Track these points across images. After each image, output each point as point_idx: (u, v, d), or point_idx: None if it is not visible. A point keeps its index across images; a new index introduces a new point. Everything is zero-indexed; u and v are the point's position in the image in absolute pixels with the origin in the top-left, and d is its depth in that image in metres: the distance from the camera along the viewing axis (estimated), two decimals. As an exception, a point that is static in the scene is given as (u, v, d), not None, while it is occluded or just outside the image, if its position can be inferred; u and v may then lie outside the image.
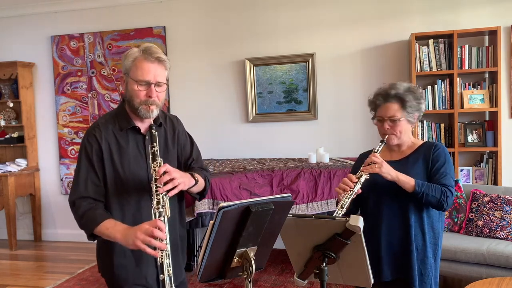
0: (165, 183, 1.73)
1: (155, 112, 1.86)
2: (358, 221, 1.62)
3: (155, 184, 1.73)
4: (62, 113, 5.73)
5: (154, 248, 1.67)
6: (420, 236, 2.10)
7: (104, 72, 5.56)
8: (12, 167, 5.61)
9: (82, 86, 5.65)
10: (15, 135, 5.71)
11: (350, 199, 1.97)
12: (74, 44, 5.63)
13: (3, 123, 5.73)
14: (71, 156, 5.73)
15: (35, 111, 5.84)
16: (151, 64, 1.82)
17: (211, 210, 3.89)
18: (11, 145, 5.73)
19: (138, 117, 1.88)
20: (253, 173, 4.09)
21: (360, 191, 2.02)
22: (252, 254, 1.57)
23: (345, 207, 1.96)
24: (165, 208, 1.72)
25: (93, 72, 5.60)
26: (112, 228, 1.76)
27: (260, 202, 1.52)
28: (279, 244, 1.77)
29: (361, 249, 1.68)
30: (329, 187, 4.00)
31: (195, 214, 3.86)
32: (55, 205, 5.85)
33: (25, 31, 5.79)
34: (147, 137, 1.89)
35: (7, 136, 5.74)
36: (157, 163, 1.76)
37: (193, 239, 4.51)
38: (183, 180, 1.80)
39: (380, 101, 2.13)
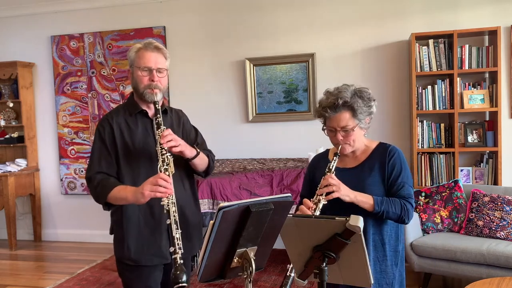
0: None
1: (159, 95, 2.07)
2: (358, 221, 1.62)
3: (160, 146, 1.93)
4: (62, 113, 5.73)
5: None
6: (380, 246, 2.04)
7: (104, 72, 5.56)
8: (12, 167, 5.61)
9: (82, 86, 5.65)
10: (15, 135, 5.71)
11: None
12: (74, 44, 5.63)
13: (3, 123, 5.73)
14: (71, 156, 5.72)
15: (35, 111, 5.84)
16: (152, 53, 2.07)
17: (211, 210, 3.89)
18: (11, 145, 5.73)
19: (145, 102, 2.10)
20: (253, 173, 4.09)
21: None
22: (252, 254, 1.57)
23: None
24: (170, 165, 1.92)
25: (93, 72, 5.60)
26: (123, 190, 1.97)
27: (260, 202, 1.52)
28: (279, 244, 1.77)
29: (361, 249, 1.68)
30: (329, 187, 4.00)
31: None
32: (55, 205, 5.85)
33: (25, 31, 5.79)
34: (154, 121, 2.07)
35: (7, 136, 5.74)
36: (161, 130, 1.98)
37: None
38: (184, 143, 2.03)
39: (329, 113, 2.00)
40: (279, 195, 1.62)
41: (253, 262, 1.56)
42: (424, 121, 4.45)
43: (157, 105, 2.04)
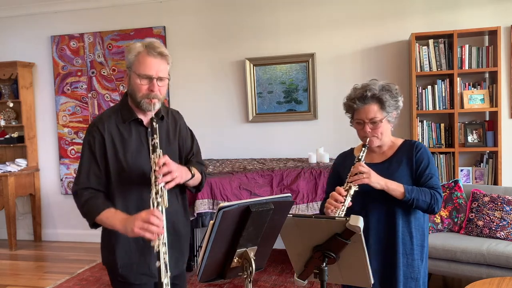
0: (164, 175, 1.78)
1: (157, 105, 1.90)
2: (358, 221, 1.62)
3: (154, 175, 1.78)
4: (62, 113, 5.73)
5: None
6: (408, 239, 2.06)
7: (104, 72, 5.56)
8: (12, 167, 5.61)
9: (82, 86, 5.65)
10: (15, 135, 5.71)
11: (343, 215, 1.88)
12: (74, 44, 5.63)
13: (3, 123, 5.73)
14: (71, 156, 5.73)
15: (35, 111, 5.84)
16: (154, 59, 1.87)
17: (211, 210, 3.89)
18: (11, 145, 5.73)
19: (141, 110, 1.93)
20: (253, 173, 4.09)
21: (351, 204, 1.94)
22: (252, 254, 1.57)
23: None
24: (163, 198, 1.77)
25: (93, 72, 5.60)
26: (112, 217, 1.83)
27: (260, 202, 1.52)
28: (279, 244, 1.77)
29: (361, 249, 1.68)
30: (329, 187, 4.00)
31: (195, 214, 3.87)
32: (55, 205, 5.85)
33: (25, 31, 5.79)
34: (149, 129, 1.92)
35: (7, 136, 5.74)
36: (156, 154, 1.80)
37: (193, 239, 4.51)
38: (180, 174, 1.86)
39: (358, 104, 2.05)
40: (279, 195, 1.62)
41: (253, 262, 1.56)
42: (424, 121, 4.45)
43: (154, 122, 1.84)
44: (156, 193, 1.76)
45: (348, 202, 1.93)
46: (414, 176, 2.06)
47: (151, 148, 1.83)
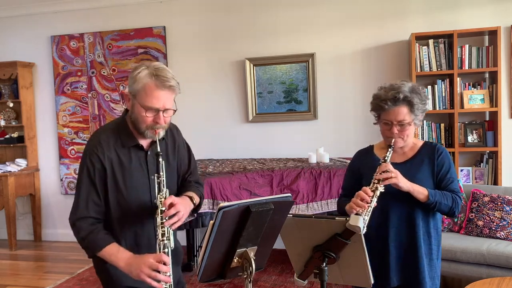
0: (170, 217, 1.74)
1: (161, 134, 1.84)
2: (358, 221, 1.62)
3: (161, 216, 1.73)
4: (62, 113, 5.73)
5: (158, 281, 1.69)
6: (427, 239, 2.09)
7: (104, 72, 5.56)
8: (12, 167, 5.61)
9: (82, 86, 5.65)
10: (15, 135, 5.71)
11: (369, 215, 1.88)
12: (74, 44, 5.63)
13: (3, 123, 5.73)
14: (71, 156, 5.73)
15: (35, 111, 5.84)
16: (162, 92, 1.77)
17: (211, 210, 3.89)
18: (11, 145, 5.73)
19: (142, 136, 1.86)
20: (253, 173, 4.09)
21: (376, 205, 1.93)
22: (252, 254, 1.58)
23: (367, 223, 1.85)
24: (169, 240, 1.73)
25: (93, 72, 5.60)
26: (115, 255, 1.77)
27: (260, 202, 1.52)
28: (279, 244, 1.77)
29: (361, 249, 1.68)
30: (329, 187, 4.00)
31: (195, 214, 3.86)
32: (55, 205, 5.85)
33: (25, 31, 5.79)
34: (149, 153, 1.89)
35: (7, 136, 5.74)
36: (162, 194, 1.76)
37: (193, 239, 4.51)
38: (185, 211, 1.82)
39: (389, 105, 2.04)
40: (279, 195, 1.62)
41: (253, 262, 1.56)
42: (424, 121, 4.45)
43: (160, 159, 1.76)
44: (162, 235, 1.72)
45: (374, 203, 1.91)
46: (435, 179, 2.09)
47: (156, 186, 1.77)
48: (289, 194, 1.66)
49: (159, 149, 1.78)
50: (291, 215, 1.70)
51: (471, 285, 2.68)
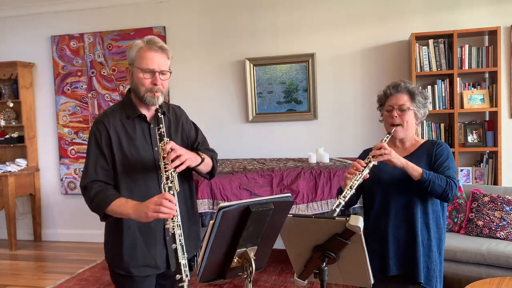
0: (172, 160, 1.82)
1: (161, 99, 1.96)
2: (358, 221, 1.62)
3: (163, 162, 1.82)
4: (62, 113, 5.73)
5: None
6: (425, 230, 2.15)
7: (104, 72, 5.56)
8: (12, 167, 5.61)
9: (82, 86, 5.65)
10: (15, 135, 5.71)
11: (358, 181, 2.02)
12: (74, 44, 5.63)
13: (3, 123, 5.73)
14: (71, 156, 5.73)
15: (35, 111, 5.84)
16: (155, 53, 1.93)
17: (211, 210, 3.89)
18: (11, 145, 5.73)
19: (144, 105, 1.98)
20: (253, 173, 4.09)
21: (368, 176, 2.06)
22: (252, 254, 1.58)
23: (354, 187, 2.01)
24: (174, 183, 1.82)
25: (93, 72, 5.60)
26: (123, 205, 1.85)
27: (260, 202, 1.52)
28: (279, 244, 1.77)
29: (361, 249, 1.68)
30: (329, 187, 4.00)
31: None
32: (55, 205, 5.85)
33: (25, 31, 5.79)
34: (151, 125, 1.99)
35: (7, 136, 5.74)
36: (163, 142, 1.86)
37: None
38: (189, 157, 1.91)
39: (391, 91, 2.21)
40: (279, 195, 1.62)
41: (253, 262, 1.56)
42: (424, 121, 4.45)
43: (159, 113, 1.92)
44: (167, 178, 1.81)
45: (365, 173, 2.04)
46: (432, 168, 2.16)
47: (158, 137, 1.89)
48: (289, 194, 1.66)
49: (159, 103, 1.93)
50: (291, 215, 1.70)
51: (471, 285, 2.68)
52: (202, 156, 2.02)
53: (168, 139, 1.88)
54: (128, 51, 1.99)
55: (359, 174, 2.03)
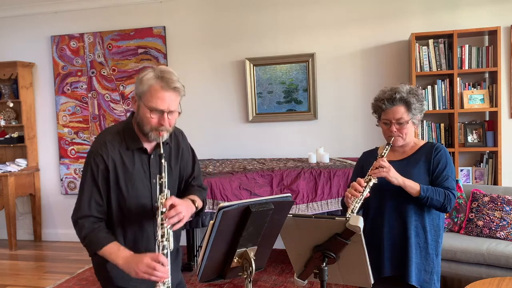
0: (171, 217, 1.75)
1: (165, 137, 1.85)
2: (358, 221, 1.62)
3: (161, 217, 1.74)
4: (62, 113, 5.73)
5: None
6: (422, 233, 2.16)
7: (104, 72, 5.56)
8: (12, 167, 5.61)
9: (82, 86, 5.65)
10: (15, 135, 5.71)
11: (360, 203, 2.03)
12: (74, 44, 5.63)
13: (3, 123, 5.73)
14: (71, 156, 5.73)
15: (35, 111, 5.84)
16: (166, 93, 1.80)
17: (211, 210, 3.89)
18: (11, 145, 5.73)
19: (147, 139, 1.88)
20: (253, 173, 4.09)
21: (369, 195, 2.08)
22: (252, 254, 1.58)
23: (355, 211, 2.02)
24: (169, 241, 1.75)
25: (93, 72, 5.60)
26: (115, 254, 1.79)
27: (260, 202, 1.52)
28: (279, 244, 1.77)
29: (361, 249, 1.68)
30: (329, 187, 4.00)
31: (196, 216, 3.86)
32: (55, 205, 5.85)
33: (25, 31, 5.79)
34: (152, 157, 1.91)
35: (7, 136, 5.74)
36: (164, 194, 1.77)
37: (193, 239, 4.51)
38: (187, 213, 1.82)
39: (386, 105, 2.16)
40: (279, 195, 1.62)
41: (253, 262, 1.56)
42: (424, 121, 4.45)
43: (163, 160, 1.78)
44: (162, 236, 1.73)
45: (366, 192, 2.05)
46: (431, 176, 2.17)
47: (158, 187, 1.79)
48: (289, 194, 1.66)
49: (162, 151, 1.79)
50: (291, 215, 1.70)
51: (471, 285, 2.68)
52: (197, 206, 1.95)
53: (168, 191, 1.79)
54: (137, 83, 1.84)
55: (360, 195, 2.05)
